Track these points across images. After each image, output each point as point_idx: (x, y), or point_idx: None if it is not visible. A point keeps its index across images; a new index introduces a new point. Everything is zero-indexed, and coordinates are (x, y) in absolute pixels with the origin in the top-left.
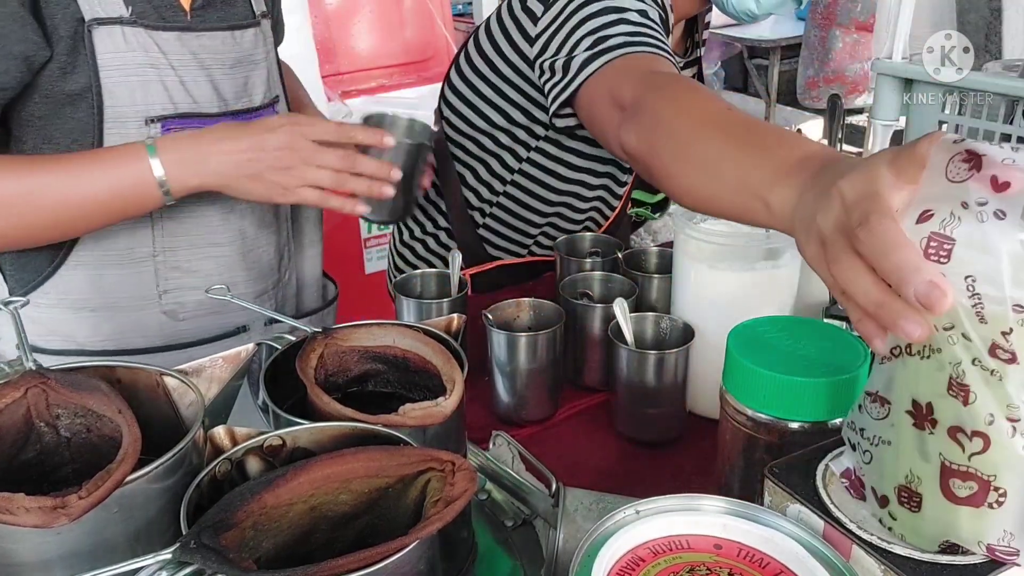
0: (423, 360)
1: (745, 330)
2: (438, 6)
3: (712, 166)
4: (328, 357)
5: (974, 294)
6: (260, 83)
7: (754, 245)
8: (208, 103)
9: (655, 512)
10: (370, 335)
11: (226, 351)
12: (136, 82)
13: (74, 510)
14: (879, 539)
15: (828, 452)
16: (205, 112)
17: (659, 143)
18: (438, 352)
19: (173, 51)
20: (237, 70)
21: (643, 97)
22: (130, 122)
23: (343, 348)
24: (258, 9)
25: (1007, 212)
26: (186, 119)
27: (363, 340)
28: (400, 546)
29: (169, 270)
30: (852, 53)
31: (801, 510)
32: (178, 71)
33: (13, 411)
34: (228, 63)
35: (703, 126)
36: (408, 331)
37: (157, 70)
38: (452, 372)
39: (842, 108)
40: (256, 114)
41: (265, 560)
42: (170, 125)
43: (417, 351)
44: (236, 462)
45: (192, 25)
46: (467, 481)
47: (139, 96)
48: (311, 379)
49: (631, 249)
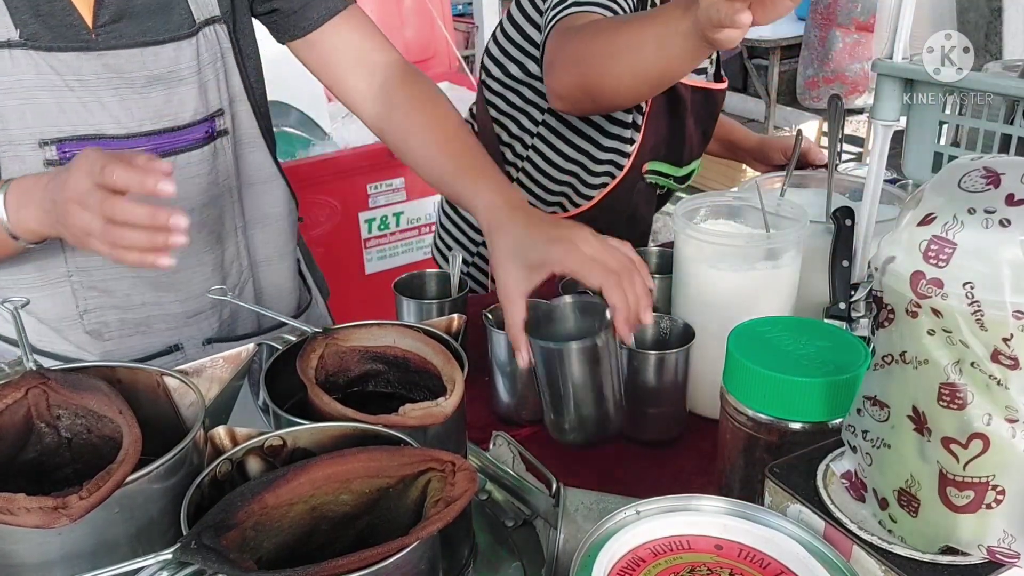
0: (423, 360)
1: (745, 330)
2: (438, 6)
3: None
4: (328, 357)
5: (973, 301)
6: (190, 100)
7: (754, 245)
8: (112, 125)
9: (655, 512)
10: (370, 335)
11: (226, 351)
12: (26, 105)
13: (75, 511)
14: (879, 539)
15: (828, 452)
16: (108, 134)
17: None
18: (438, 352)
19: (70, 72)
20: (153, 88)
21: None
22: (24, 144)
23: (343, 348)
24: (201, 16)
25: (1012, 220)
26: (84, 141)
27: (363, 340)
28: (401, 546)
29: (86, 290)
30: (852, 53)
31: (802, 510)
32: (76, 92)
33: (14, 412)
34: (139, 82)
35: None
36: (408, 331)
37: (51, 92)
38: (452, 372)
39: (842, 108)
40: (186, 132)
41: (266, 560)
42: (67, 147)
43: (417, 351)
44: (237, 462)
45: (93, 44)
46: (467, 481)
47: (30, 119)
48: (311, 379)
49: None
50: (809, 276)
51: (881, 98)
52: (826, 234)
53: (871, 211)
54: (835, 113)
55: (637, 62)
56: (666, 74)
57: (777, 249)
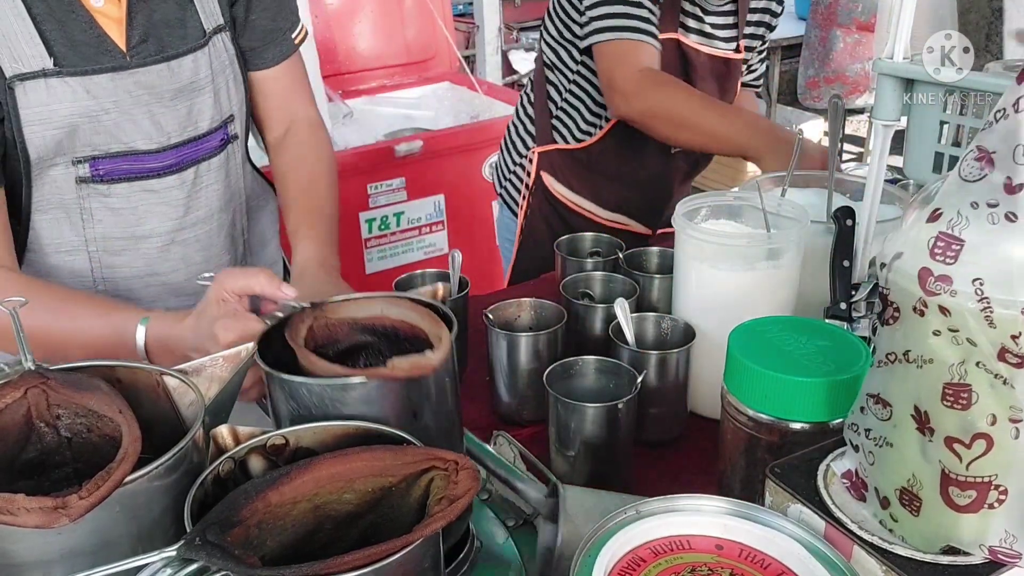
0: (412, 327)
1: (746, 330)
2: (439, 6)
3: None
4: (318, 330)
5: (982, 298)
6: (207, 108)
7: (755, 245)
8: (145, 140)
9: (656, 512)
10: (359, 307)
11: (226, 351)
12: (62, 133)
13: (74, 510)
14: (880, 539)
15: (829, 452)
16: (140, 150)
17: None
18: (426, 316)
19: (105, 93)
20: (179, 100)
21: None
22: (58, 166)
23: (332, 320)
24: (210, 25)
25: (1018, 215)
26: (116, 158)
27: (352, 312)
28: (404, 544)
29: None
30: (853, 53)
31: (802, 510)
32: (111, 113)
33: (14, 411)
34: (168, 95)
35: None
36: (396, 300)
37: (87, 116)
38: (439, 331)
39: (843, 108)
40: (204, 141)
41: (269, 559)
42: (100, 165)
43: (406, 319)
44: (239, 461)
45: (125, 64)
46: (470, 480)
47: (65, 144)
48: (299, 344)
49: (632, 250)
50: (810, 276)
51: (882, 98)
52: (827, 234)
53: (872, 211)
54: (836, 113)
55: (703, 144)
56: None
57: (778, 249)
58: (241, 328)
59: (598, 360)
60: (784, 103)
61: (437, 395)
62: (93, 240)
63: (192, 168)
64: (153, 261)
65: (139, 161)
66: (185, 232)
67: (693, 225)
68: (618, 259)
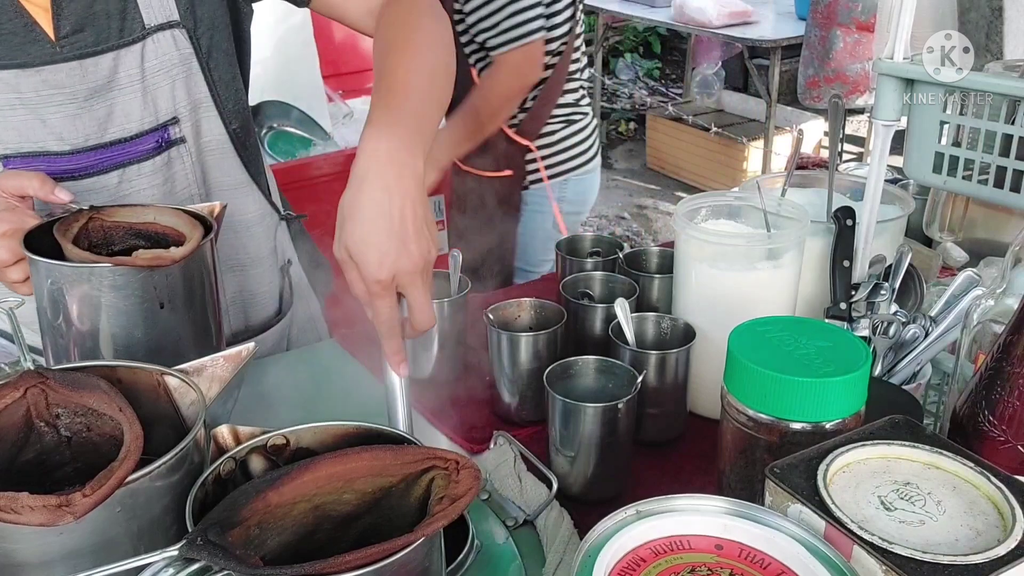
0: (178, 233)
1: (746, 330)
2: None
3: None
4: (93, 231)
5: None
6: (134, 109)
7: (755, 245)
8: (56, 141)
9: (656, 512)
10: (134, 213)
11: (226, 351)
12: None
13: (78, 508)
14: (880, 539)
15: (829, 452)
16: (52, 151)
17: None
18: (192, 225)
19: (10, 89)
20: (96, 100)
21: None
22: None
23: (107, 224)
24: (154, 21)
25: None
26: (29, 158)
27: (127, 217)
28: (406, 543)
29: None
30: (853, 53)
31: (802, 510)
32: (17, 110)
33: (13, 411)
34: (81, 95)
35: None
36: (168, 210)
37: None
38: (194, 232)
39: (843, 108)
40: (132, 144)
41: (269, 559)
42: (12, 164)
43: (174, 226)
44: (240, 461)
45: (30, 61)
46: (471, 479)
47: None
48: (64, 237)
49: (632, 250)
50: (810, 276)
51: (882, 98)
52: (827, 234)
53: (872, 211)
54: (836, 113)
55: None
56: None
57: (778, 249)
58: (17, 221)
59: (598, 360)
60: (784, 103)
61: (186, 289)
62: None
63: (116, 171)
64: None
65: (54, 162)
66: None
67: (693, 225)
68: (618, 259)
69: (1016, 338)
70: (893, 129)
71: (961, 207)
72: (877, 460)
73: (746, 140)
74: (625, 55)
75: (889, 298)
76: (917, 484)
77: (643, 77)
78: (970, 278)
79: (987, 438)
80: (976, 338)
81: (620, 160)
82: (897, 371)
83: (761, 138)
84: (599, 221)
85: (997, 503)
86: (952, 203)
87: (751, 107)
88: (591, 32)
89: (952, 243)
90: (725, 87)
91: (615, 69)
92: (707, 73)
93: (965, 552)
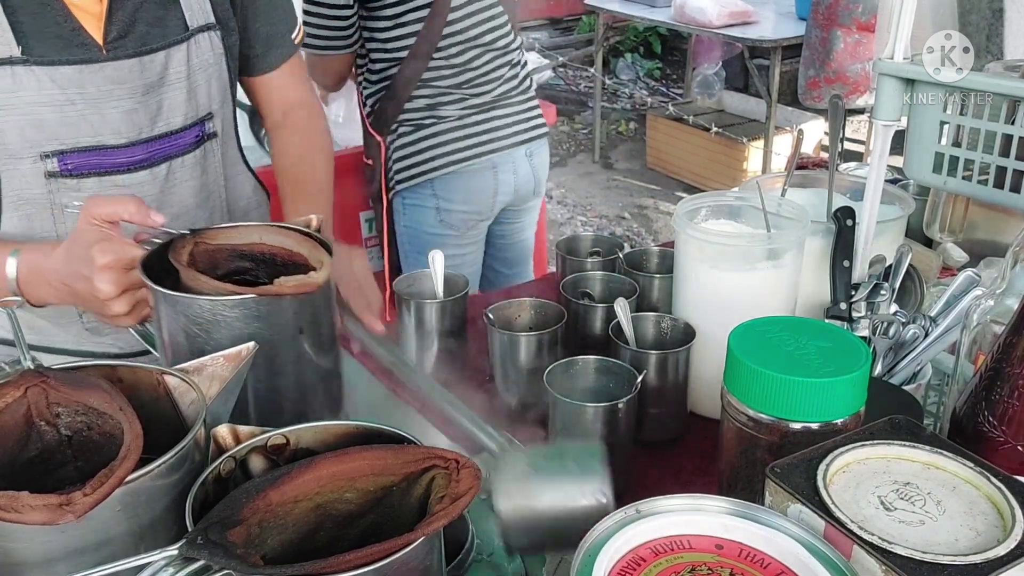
0: (290, 253)
1: (746, 330)
2: None
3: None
4: (198, 255)
5: None
6: (180, 104)
7: (756, 246)
8: (114, 135)
9: (656, 512)
10: (238, 234)
11: (226, 350)
12: (26, 120)
13: (79, 507)
14: (880, 539)
15: (829, 452)
16: (108, 144)
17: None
18: (303, 242)
19: (72, 85)
20: (150, 96)
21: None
22: (25, 159)
23: (212, 247)
24: (195, 23)
25: None
26: (85, 152)
27: (231, 239)
28: (407, 542)
29: None
30: (853, 53)
31: (802, 510)
32: (77, 105)
33: (13, 410)
34: (139, 90)
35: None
36: (273, 228)
37: (53, 107)
38: (320, 256)
39: (843, 108)
40: (177, 137)
41: (270, 558)
42: (68, 159)
43: (283, 245)
44: (240, 460)
45: (95, 57)
46: (472, 478)
47: (30, 134)
48: (183, 263)
49: (632, 250)
50: (810, 276)
51: (882, 98)
52: (827, 234)
53: (872, 211)
54: (836, 113)
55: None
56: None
57: (778, 249)
58: (118, 251)
59: (598, 360)
60: (784, 103)
61: (319, 313)
62: (65, 236)
63: (164, 164)
64: None
65: (108, 156)
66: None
67: (694, 225)
68: (618, 259)
69: (1016, 339)
70: (893, 129)
71: (961, 207)
72: (877, 460)
73: (746, 140)
74: (625, 55)
75: (889, 298)
76: (917, 484)
77: (643, 77)
78: (970, 278)
79: (987, 438)
80: (976, 338)
81: (620, 160)
82: (897, 371)
83: (761, 138)
84: (599, 221)
85: (997, 503)
86: (952, 203)
87: (751, 107)
88: (591, 32)
89: (952, 243)
90: (725, 87)
91: (615, 69)
92: (707, 73)
93: (965, 552)
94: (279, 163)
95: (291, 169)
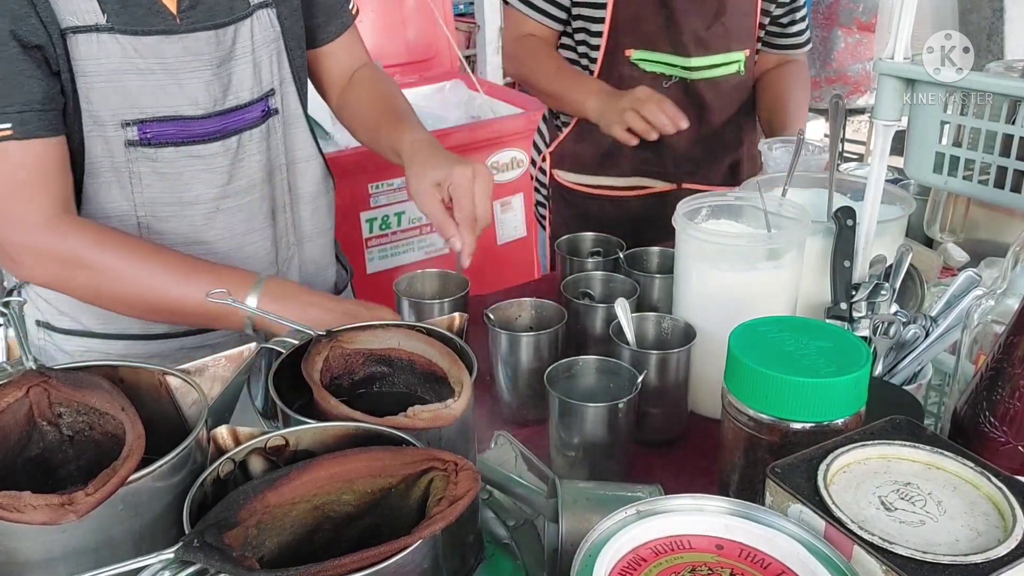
0: (429, 362)
1: (747, 330)
2: (440, 6)
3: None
4: (333, 360)
5: None
6: (247, 78)
7: (756, 245)
8: (191, 105)
9: (656, 512)
10: (375, 337)
11: (228, 350)
12: (110, 87)
13: (81, 507)
14: (880, 539)
15: (829, 452)
16: (185, 115)
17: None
18: (444, 354)
19: (153, 54)
20: (223, 68)
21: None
22: (108, 125)
23: (348, 351)
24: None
25: None
26: (164, 122)
27: (368, 343)
28: (403, 545)
29: None
30: (854, 53)
31: (802, 510)
32: (157, 75)
33: (15, 410)
34: (214, 62)
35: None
36: (413, 333)
37: (135, 75)
38: (460, 374)
39: (844, 108)
40: (245, 111)
41: (268, 560)
42: (147, 128)
43: (423, 353)
44: (239, 462)
45: (174, 28)
46: (470, 481)
47: (114, 101)
48: (317, 382)
49: (632, 250)
50: (810, 276)
51: (882, 98)
52: (827, 234)
53: (872, 211)
54: (836, 113)
55: (550, 100)
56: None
57: (778, 249)
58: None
59: (598, 360)
60: None
61: (454, 441)
62: (142, 205)
63: (235, 136)
64: (199, 228)
65: (185, 126)
66: (228, 200)
67: (694, 225)
68: (618, 259)
69: (1017, 339)
70: (893, 129)
71: (962, 207)
72: (877, 460)
73: None
74: None
75: (890, 298)
76: (917, 484)
77: None
78: (971, 278)
79: (987, 439)
80: (977, 338)
81: None
82: (898, 371)
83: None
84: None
85: (997, 503)
86: (953, 203)
87: None
88: None
89: (953, 243)
90: None
91: None
92: None
93: (965, 552)
94: (357, 108)
95: (378, 102)
